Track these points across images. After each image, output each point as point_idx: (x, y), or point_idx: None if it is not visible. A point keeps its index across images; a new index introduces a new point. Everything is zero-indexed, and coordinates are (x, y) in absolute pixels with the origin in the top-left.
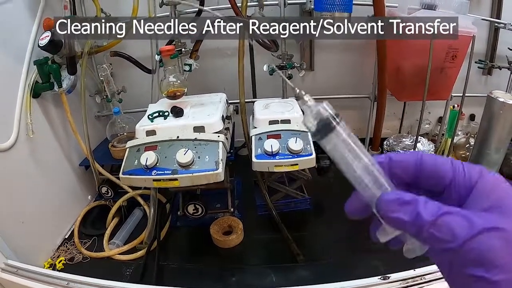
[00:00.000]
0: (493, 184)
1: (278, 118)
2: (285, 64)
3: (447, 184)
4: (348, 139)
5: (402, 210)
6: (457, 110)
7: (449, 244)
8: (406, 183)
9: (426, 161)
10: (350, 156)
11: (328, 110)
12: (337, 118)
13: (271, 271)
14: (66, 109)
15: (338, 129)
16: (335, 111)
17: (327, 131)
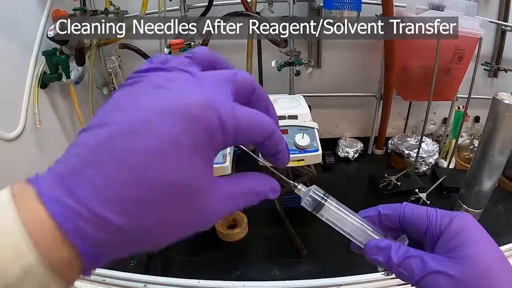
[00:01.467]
0: (458, 229)
1: (285, 113)
2: (293, 61)
3: (424, 232)
4: (336, 209)
5: (379, 254)
6: (462, 112)
7: (410, 279)
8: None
9: (406, 214)
10: (340, 220)
11: (318, 193)
12: (325, 196)
13: (275, 265)
14: (74, 100)
15: (327, 205)
16: (323, 191)
17: (320, 207)
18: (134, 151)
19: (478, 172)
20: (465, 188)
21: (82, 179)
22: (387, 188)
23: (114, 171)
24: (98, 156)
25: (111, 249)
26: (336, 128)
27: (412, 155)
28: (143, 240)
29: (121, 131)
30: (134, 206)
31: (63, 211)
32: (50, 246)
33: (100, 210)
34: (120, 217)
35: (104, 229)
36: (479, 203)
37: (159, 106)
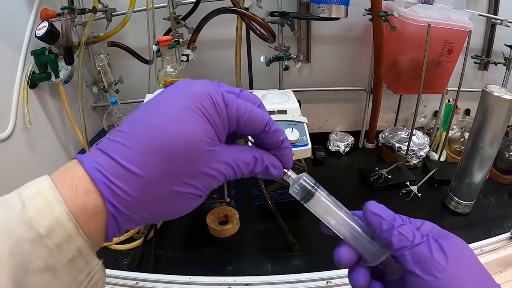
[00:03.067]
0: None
1: (274, 108)
2: (282, 56)
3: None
4: (325, 200)
5: (385, 212)
6: (452, 104)
7: (404, 243)
8: None
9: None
10: (329, 211)
11: (308, 181)
12: (315, 186)
13: (267, 260)
14: (64, 99)
15: (317, 194)
16: (313, 180)
17: (309, 197)
18: (152, 119)
19: (469, 164)
20: (456, 181)
21: (113, 143)
22: (378, 181)
23: (138, 134)
24: (127, 127)
25: (131, 207)
26: (327, 122)
27: (403, 148)
28: (158, 199)
29: (145, 110)
30: (148, 160)
31: (93, 165)
32: (76, 197)
33: (124, 162)
34: (137, 167)
35: (125, 179)
36: (470, 195)
37: (172, 91)
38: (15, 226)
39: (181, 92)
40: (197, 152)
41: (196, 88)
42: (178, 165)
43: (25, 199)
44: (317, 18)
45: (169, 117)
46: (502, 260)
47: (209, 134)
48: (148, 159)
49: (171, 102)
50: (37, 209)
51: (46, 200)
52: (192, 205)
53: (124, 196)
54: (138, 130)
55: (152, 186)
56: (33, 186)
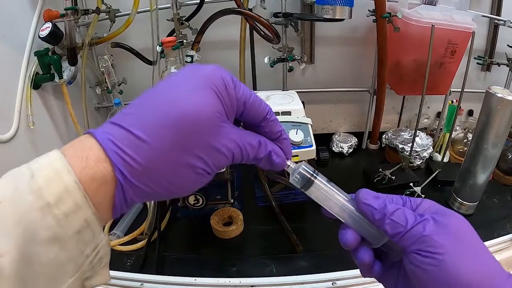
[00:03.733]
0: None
1: (278, 110)
2: (286, 57)
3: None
4: (325, 186)
5: (374, 201)
6: (455, 105)
7: (399, 228)
8: None
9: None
10: (329, 197)
11: (307, 170)
12: (314, 173)
13: (271, 261)
14: (67, 100)
15: (316, 182)
16: (312, 168)
17: (309, 185)
18: (165, 93)
19: (472, 165)
20: (459, 182)
21: (125, 116)
22: (381, 182)
23: (150, 106)
24: (139, 101)
25: (139, 176)
26: (330, 123)
27: (406, 149)
28: (167, 169)
29: (157, 88)
30: (160, 129)
31: (105, 135)
32: (87, 166)
33: (134, 130)
34: (148, 136)
35: (135, 147)
36: (474, 196)
37: (184, 72)
38: (23, 195)
39: (194, 72)
40: (209, 125)
41: (208, 70)
42: (189, 136)
43: (34, 170)
44: (321, 19)
45: (183, 91)
46: (505, 261)
47: (220, 111)
48: (160, 128)
49: (184, 80)
50: (46, 178)
51: (55, 169)
52: (200, 182)
53: (133, 163)
54: (151, 103)
55: (162, 155)
56: (42, 158)
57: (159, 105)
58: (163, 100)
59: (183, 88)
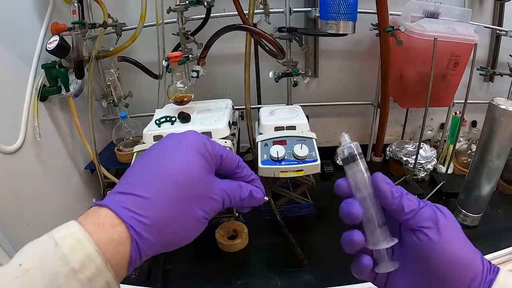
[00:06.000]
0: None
1: (283, 124)
2: (291, 71)
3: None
4: (363, 169)
5: (390, 184)
6: (459, 117)
7: (411, 207)
8: None
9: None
10: (360, 183)
11: (357, 148)
12: (360, 155)
13: (276, 275)
14: (74, 113)
15: (358, 162)
16: (361, 151)
17: (351, 160)
18: (160, 159)
19: (476, 177)
20: (464, 193)
21: (128, 184)
22: None
23: (149, 171)
24: (138, 169)
25: (151, 230)
26: (334, 136)
27: (411, 162)
28: (172, 220)
29: (151, 157)
30: (163, 189)
31: (116, 203)
32: (104, 232)
33: (140, 193)
34: (153, 195)
35: (144, 206)
36: (478, 207)
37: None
38: (50, 262)
39: (179, 140)
40: (201, 179)
41: (189, 137)
42: (188, 190)
43: (58, 239)
44: (325, 34)
45: (176, 157)
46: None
47: (206, 167)
48: (163, 188)
49: (173, 148)
50: (70, 246)
51: (77, 238)
52: (201, 228)
53: (144, 220)
54: (149, 170)
55: (168, 210)
56: (63, 229)
57: (157, 171)
58: (160, 166)
59: (175, 155)
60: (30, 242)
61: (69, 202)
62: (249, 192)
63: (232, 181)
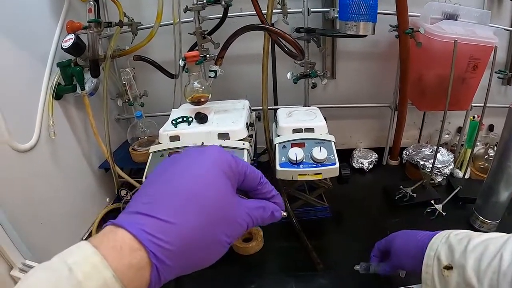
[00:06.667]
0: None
1: (302, 126)
2: (309, 73)
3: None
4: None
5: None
6: (477, 121)
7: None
8: None
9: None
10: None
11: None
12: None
13: (291, 279)
14: (89, 111)
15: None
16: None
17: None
18: (181, 179)
19: (495, 183)
20: (481, 199)
21: (147, 204)
22: (402, 200)
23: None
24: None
25: (173, 257)
26: (351, 139)
27: (428, 166)
28: (196, 246)
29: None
30: (185, 213)
31: (134, 225)
32: (123, 256)
33: (161, 216)
34: (176, 219)
35: (166, 231)
36: (496, 214)
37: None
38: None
39: (200, 156)
40: (225, 202)
41: (213, 154)
42: (211, 214)
43: (71, 264)
44: (345, 36)
45: (197, 175)
46: None
47: (231, 188)
48: (186, 212)
49: (194, 165)
50: (85, 273)
51: (93, 264)
52: (223, 252)
53: (166, 246)
54: (169, 189)
55: (191, 236)
56: (76, 252)
57: (181, 192)
58: (184, 187)
59: (200, 175)
60: (41, 265)
61: (82, 200)
62: (270, 213)
63: (255, 202)
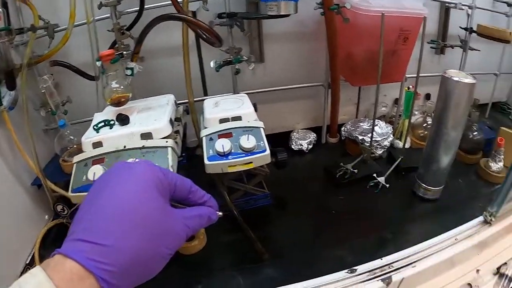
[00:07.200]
0: None
1: (228, 115)
2: (232, 59)
3: None
4: None
5: None
6: (412, 91)
7: None
8: None
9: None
10: None
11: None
12: None
13: (237, 273)
14: (10, 127)
15: None
16: None
17: None
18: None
19: (434, 150)
20: (423, 167)
21: (87, 231)
22: (344, 177)
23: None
24: (93, 212)
25: (119, 277)
26: (287, 121)
27: (367, 140)
28: (138, 262)
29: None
30: (123, 233)
31: (79, 254)
32: (72, 286)
33: (102, 241)
34: (116, 242)
35: (108, 255)
36: (438, 180)
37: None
38: None
39: (128, 173)
40: (159, 217)
41: (140, 169)
42: (146, 230)
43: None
44: (266, 17)
45: (129, 194)
46: (477, 244)
47: (162, 202)
48: (122, 233)
49: (126, 184)
50: None
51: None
52: (164, 264)
53: (111, 269)
54: (105, 212)
55: (132, 254)
56: (31, 280)
57: (113, 213)
58: (116, 208)
59: (129, 193)
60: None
61: (19, 222)
62: (207, 218)
63: (191, 211)
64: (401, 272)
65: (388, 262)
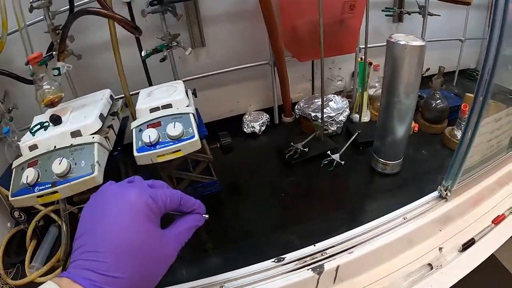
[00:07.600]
0: None
1: (158, 104)
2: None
3: None
4: None
5: None
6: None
7: None
8: None
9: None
10: None
11: None
12: None
13: (181, 264)
14: None
15: None
16: None
17: None
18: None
19: (388, 121)
20: (378, 141)
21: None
22: (293, 157)
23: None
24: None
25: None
26: (238, 104)
27: (320, 117)
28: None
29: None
30: (123, 264)
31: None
32: None
33: (110, 273)
34: (121, 273)
35: (112, 283)
36: (396, 153)
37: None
38: None
39: (124, 206)
40: (154, 245)
41: (132, 198)
42: (144, 257)
43: None
44: None
45: (124, 226)
46: (438, 219)
47: (155, 228)
48: (125, 263)
49: (120, 215)
50: None
51: None
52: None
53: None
54: (104, 243)
55: (135, 278)
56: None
57: (112, 244)
58: (115, 239)
59: (123, 226)
60: None
61: None
62: (195, 226)
63: (179, 226)
64: (336, 260)
65: (322, 249)
